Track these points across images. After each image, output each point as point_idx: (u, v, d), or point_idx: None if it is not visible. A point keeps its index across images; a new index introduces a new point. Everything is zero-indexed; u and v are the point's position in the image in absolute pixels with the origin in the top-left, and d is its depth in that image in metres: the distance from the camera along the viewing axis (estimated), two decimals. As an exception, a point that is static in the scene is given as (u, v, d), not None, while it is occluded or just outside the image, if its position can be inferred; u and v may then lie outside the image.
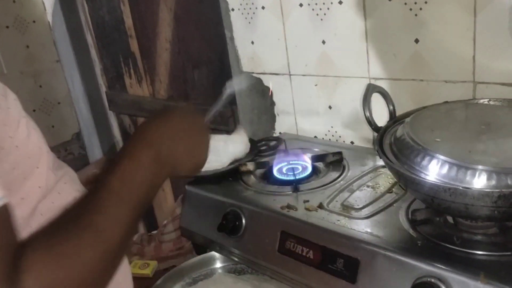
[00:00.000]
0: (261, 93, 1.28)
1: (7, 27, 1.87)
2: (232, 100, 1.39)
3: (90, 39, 1.92)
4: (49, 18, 1.95)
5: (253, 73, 1.27)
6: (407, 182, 0.71)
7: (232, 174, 1.01)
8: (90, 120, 2.03)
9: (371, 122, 0.82)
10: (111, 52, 1.86)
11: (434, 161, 0.68)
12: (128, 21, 1.70)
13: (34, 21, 1.95)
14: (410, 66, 0.96)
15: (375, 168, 0.96)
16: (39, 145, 0.64)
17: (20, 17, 1.91)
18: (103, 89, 1.99)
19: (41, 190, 0.61)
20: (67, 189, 0.67)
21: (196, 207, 1.00)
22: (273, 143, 1.13)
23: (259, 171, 1.02)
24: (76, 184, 0.73)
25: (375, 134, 0.81)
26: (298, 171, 0.98)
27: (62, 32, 1.93)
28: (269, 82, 1.24)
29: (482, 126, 0.73)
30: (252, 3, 1.17)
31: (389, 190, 0.87)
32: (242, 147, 1.03)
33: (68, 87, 2.05)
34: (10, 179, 0.58)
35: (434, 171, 0.67)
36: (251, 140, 1.08)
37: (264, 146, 1.12)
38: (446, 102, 0.86)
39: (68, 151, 2.10)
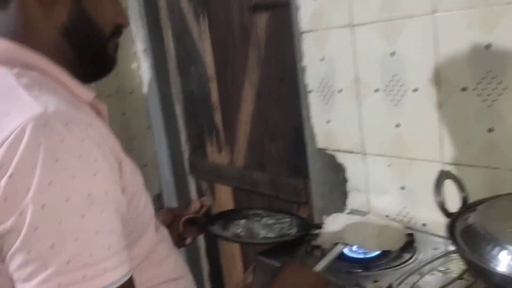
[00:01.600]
0: (334, 169, 1.34)
1: (109, 96, 2.12)
2: (305, 173, 1.46)
3: (178, 110, 2.12)
4: (145, 89, 2.19)
5: (327, 149, 1.34)
6: (477, 271, 0.71)
7: (304, 247, 1.06)
8: (171, 183, 2.18)
9: (443, 208, 0.84)
10: (197, 122, 2.03)
11: (505, 252, 0.69)
12: (215, 96, 1.86)
13: (131, 92, 2.19)
14: (483, 154, 0.98)
15: (447, 253, 0.96)
16: (151, 212, 0.73)
17: (121, 87, 2.16)
18: (186, 155, 2.15)
19: (146, 251, 0.70)
20: (162, 247, 0.76)
21: (267, 277, 1.04)
22: None
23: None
24: (169, 242, 0.81)
25: (447, 219, 0.83)
26: (368, 250, 1.00)
27: (155, 102, 2.14)
28: (343, 159, 1.30)
29: (556, 220, 0.73)
30: (330, 86, 1.26)
31: (460, 277, 0.87)
32: (395, 241, 1.01)
33: (155, 151, 2.23)
34: (127, 242, 0.66)
35: (505, 261, 0.68)
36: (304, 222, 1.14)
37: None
38: (521, 192, 0.87)
39: (149, 211, 2.24)
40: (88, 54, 0.72)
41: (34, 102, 0.58)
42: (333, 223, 1.05)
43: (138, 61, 2.17)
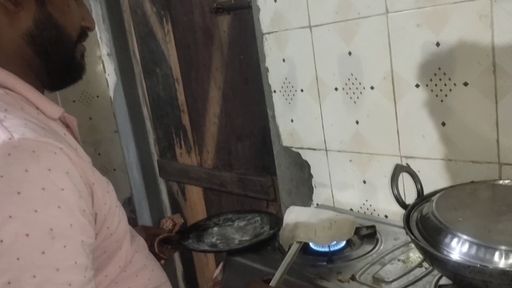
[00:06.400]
0: (299, 166, 1.37)
1: (74, 101, 2.10)
2: (272, 171, 1.49)
3: (146, 112, 2.11)
4: (111, 93, 2.17)
5: (292, 147, 1.37)
6: (431, 259, 0.75)
7: (271, 243, 1.08)
8: (142, 186, 2.18)
9: (399, 200, 0.88)
10: (164, 124, 2.03)
11: (455, 240, 0.73)
12: (181, 98, 1.87)
13: (97, 96, 2.18)
14: (438, 146, 1.03)
15: (407, 243, 1.00)
16: (125, 227, 0.72)
17: (86, 92, 2.14)
18: (155, 157, 2.15)
19: (121, 266, 0.70)
20: (139, 257, 0.76)
21: (236, 274, 1.06)
22: None
23: (296, 242, 1.09)
24: (145, 251, 0.81)
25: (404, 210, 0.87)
26: (333, 243, 1.04)
27: (122, 106, 2.13)
28: (307, 156, 1.34)
29: (503, 207, 0.78)
30: (292, 86, 1.30)
31: (419, 265, 0.91)
32: (345, 232, 1.03)
33: (123, 155, 2.22)
34: (100, 261, 0.66)
35: (456, 249, 0.72)
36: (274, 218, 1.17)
37: None
38: (472, 182, 0.92)
39: (120, 215, 2.23)
40: (55, 60, 0.69)
41: None
42: (288, 219, 1.07)
43: (103, 65, 2.16)
